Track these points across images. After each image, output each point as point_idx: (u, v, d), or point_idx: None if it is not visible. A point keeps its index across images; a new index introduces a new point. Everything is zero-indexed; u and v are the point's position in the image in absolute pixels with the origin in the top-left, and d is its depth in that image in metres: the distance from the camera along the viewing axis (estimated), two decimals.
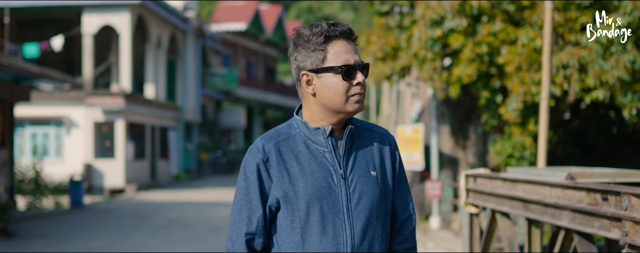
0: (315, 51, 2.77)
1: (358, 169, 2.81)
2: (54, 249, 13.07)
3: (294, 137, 2.85)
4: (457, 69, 13.79)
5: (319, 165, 2.78)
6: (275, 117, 55.79)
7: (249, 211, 2.80)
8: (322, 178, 2.77)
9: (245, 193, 2.82)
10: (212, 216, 18.57)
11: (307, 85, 2.81)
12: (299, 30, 2.84)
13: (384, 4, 15.25)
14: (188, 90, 36.78)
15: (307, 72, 2.79)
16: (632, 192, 3.77)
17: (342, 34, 2.77)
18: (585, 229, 4.32)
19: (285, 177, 2.77)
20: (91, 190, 26.52)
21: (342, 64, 2.75)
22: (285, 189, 2.76)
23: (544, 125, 7.57)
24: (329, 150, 2.80)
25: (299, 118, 2.89)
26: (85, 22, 28.66)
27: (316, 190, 2.75)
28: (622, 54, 12.03)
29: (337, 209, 2.75)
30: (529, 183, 5.18)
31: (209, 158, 39.43)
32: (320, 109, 2.81)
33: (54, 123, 28.40)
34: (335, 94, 2.76)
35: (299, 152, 2.81)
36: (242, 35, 47.57)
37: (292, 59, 2.85)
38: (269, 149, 2.81)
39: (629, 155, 16.76)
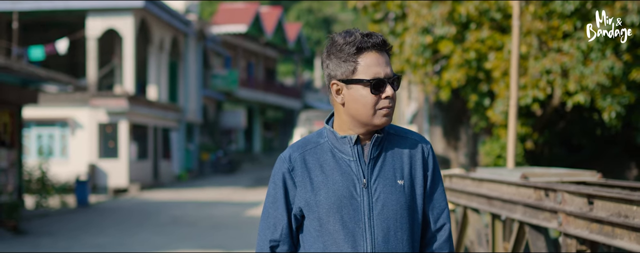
0: (346, 62, 2.76)
1: (383, 178, 2.81)
2: (64, 245, 13.78)
3: (321, 146, 2.87)
4: (447, 73, 14.49)
5: (343, 175, 2.80)
6: (276, 118, 56.36)
7: (275, 219, 2.87)
8: (344, 188, 2.78)
9: (273, 201, 2.88)
10: (214, 214, 19.26)
11: (337, 95, 2.81)
12: (333, 37, 2.83)
13: (378, 11, 15.97)
14: (189, 92, 37.44)
15: (337, 81, 2.80)
16: (565, 189, 4.50)
17: (374, 46, 2.76)
18: (532, 221, 5.06)
19: (309, 186, 2.81)
20: (95, 190, 27.16)
21: (371, 77, 2.74)
22: (307, 198, 2.81)
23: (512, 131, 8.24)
24: (354, 159, 2.81)
25: (328, 126, 2.90)
26: (90, 25, 29.31)
27: (337, 200, 2.77)
28: (601, 60, 12.74)
29: (358, 219, 2.77)
30: (491, 182, 5.92)
31: (210, 158, 39.98)
32: (349, 119, 2.81)
33: (59, 124, 29.05)
34: (364, 107, 2.76)
35: (324, 161, 2.83)
36: (243, 37, 48.25)
37: (324, 66, 2.85)
38: (295, 158, 2.85)
39: (614, 155, 17.45)
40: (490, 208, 5.91)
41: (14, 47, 25.82)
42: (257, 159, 50.19)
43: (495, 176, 5.95)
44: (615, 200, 4.06)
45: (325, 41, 2.88)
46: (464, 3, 13.98)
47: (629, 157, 17.21)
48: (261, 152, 53.17)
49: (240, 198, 24.87)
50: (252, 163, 48.01)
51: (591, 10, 12.86)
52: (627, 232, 3.93)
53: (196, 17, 38.18)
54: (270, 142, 56.70)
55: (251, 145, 52.77)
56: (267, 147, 55.45)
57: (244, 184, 32.16)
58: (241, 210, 20.41)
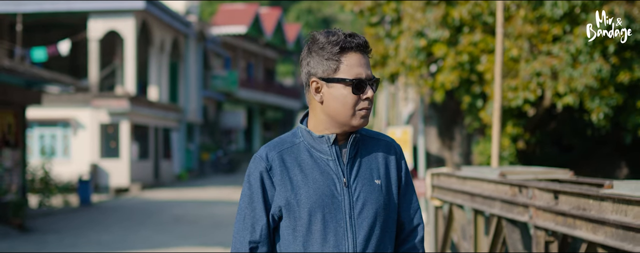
0: (328, 60, 2.75)
1: (362, 177, 2.80)
2: (69, 242, 14.21)
3: (297, 146, 2.84)
4: (441, 75, 14.91)
5: (322, 174, 2.78)
6: (275, 118, 56.78)
7: (253, 219, 2.82)
8: (325, 187, 2.76)
9: (249, 202, 2.83)
10: (215, 213, 19.68)
11: (316, 93, 2.80)
12: (314, 35, 2.82)
13: (374, 15, 16.38)
14: (190, 92, 37.86)
15: (318, 79, 2.78)
16: (535, 185, 4.94)
17: (358, 47, 2.76)
18: (508, 215, 5.49)
19: (288, 185, 2.77)
20: (97, 189, 27.53)
21: (353, 77, 2.73)
22: (287, 197, 2.76)
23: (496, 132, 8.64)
24: (332, 159, 2.79)
25: (303, 126, 2.87)
26: (91, 27, 29.71)
27: (318, 199, 2.75)
28: (590, 63, 13.16)
29: (340, 218, 2.75)
30: (473, 179, 6.35)
31: (210, 158, 40.36)
32: (326, 118, 2.80)
33: (61, 124, 29.46)
34: (343, 106, 2.75)
35: (302, 160, 2.81)
36: (242, 38, 48.68)
37: (304, 63, 2.83)
38: (273, 158, 2.81)
39: (605, 155, 17.87)
40: (472, 204, 6.35)
41: (17, 48, 26.21)
42: None
43: (477, 174, 6.38)
44: (576, 195, 4.49)
45: (305, 38, 2.86)
46: (457, 7, 14.38)
47: (619, 156, 17.62)
48: None
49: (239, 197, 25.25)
50: None
51: (580, 15, 13.28)
52: (584, 223, 4.37)
53: (196, 18, 38.59)
54: None
55: (251, 145, 53.20)
56: None
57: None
58: None
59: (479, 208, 6.19)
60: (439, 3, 14.64)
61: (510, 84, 13.99)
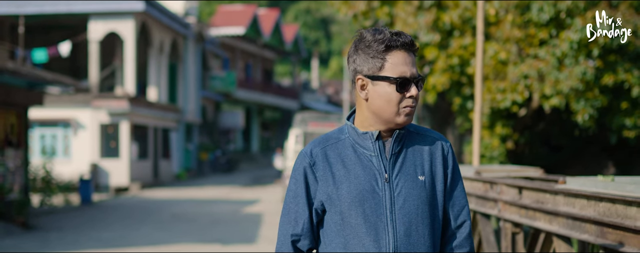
0: (374, 58, 2.77)
1: (405, 173, 2.81)
2: (71, 239, 14.67)
3: (343, 142, 2.87)
4: (433, 78, 15.38)
5: (364, 169, 2.80)
6: (273, 118, 57.19)
7: (296, 213, 2.87)
8: (366, 182, 2.79)
9: (294, 196, 2.88)
10: (213, 211, 20.13)
11: (361, 90, 2.83)
12: (362, 33, 2.84)
13: (368, 19, 16.86)
14: (189, 93, 38.29)
15: (363, 77, 2.81)
16: (503, 182, 5.42)
17: (403, 45, 2.78)
18: (481, 209, 5.97)
19: (330, 180, 2.82)
20: (97, 189, 27.91)
21: (398, 75, 2.76)
22: (329, 192, 2.81)
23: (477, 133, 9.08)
24: (375, 155, 2.81)
25: (349, 123, 2.91)
26: (92, 28, 30.13)
27: (359, 194, 2.77)
28: (575, 66, 13.65)
29: (380, 212, 2.76)
30: None
31: (208, 157, 40.74)
32: (371, 115, 2.82)
33: (61, 124, 29.86)
34: (388, 104, 2.78)
35: (346, 155, 2.84)
36: (241, 39, 49.14)
37: (351, 61, 2.85)
38: (317, 153, 2.86)
39: (593, 154, 18.35)
40: None
41: (18, 50, 26.64)
42: (255, 159, 51.08)
43: None
44: (536, 190, 4.97)
45: (353, 36, 2.90)
46: (448, 12, 14.87)
47: (606, 156, 18.11)
48: (259, 151, 54.05)
49: (238, 196, 25.75)
50: (250, 162, 48.89)
51: (565, 20, 13.77)
52: (542, 214, 4.84)
53: (195, 19, 39.01)
54: (268, 141, 57.57)
55: (249, 145, 53.65)
56: (265, 146, 56.33)
57: (241, 183, 33.07)
58: (239, 208, 21.29)
59: None
60: (430, 8, 15.12)
61: (498, 86, 14.47)
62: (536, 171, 6.57)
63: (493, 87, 14.50)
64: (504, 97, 14.35)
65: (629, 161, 18.04)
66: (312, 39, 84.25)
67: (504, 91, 14.40)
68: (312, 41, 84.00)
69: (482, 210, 5.99)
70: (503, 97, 14.39)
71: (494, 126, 15.41)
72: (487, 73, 14.62)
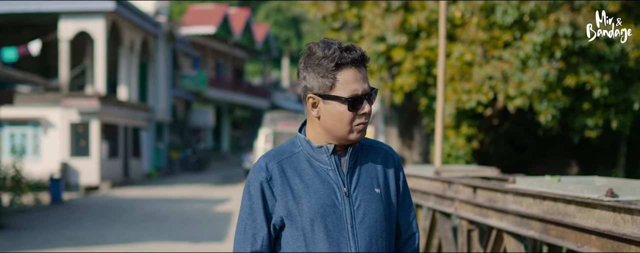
0: (324, 77, 2.71)
1: (362, 187, 2.79)
2: (44, 238, 14.81)
3: (297, 155, 2.82)
4: (400, 78, 15.70)
5: (323, 183, 2.76)
6: (243, 117, 57.33)
7: (254, 230, 2.79)
8: (326, 196, 2.74)
9: (250, 212, 2.79)
10: (185, 210, 20.32)
11: (313, 108, 2.77)
12: (311, 48, 2.75)
13: (336, 20, 17.14)
14: (159, 92, 38.37)
15: (314, 95, 2.75)
16: (459, 182, 5.74)
17: (354, 62, 2.70)
18: (440, 208, 6.28)
19: (289, 195, 2.75)
20: (67, 187, 27.90)
21: (349, 95, 2.70)
22: (289, 207, 2.74)
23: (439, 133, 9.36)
24: (332, 168, 2.78)
25: (302, 136, 2.85)
26: (62, 27, 30.15)
27: (320, 208, 2.73)
28: (538, 67, 14.01)
29: (342, 227, 2.73)
30: (414, 177, 7.13)
31: (179, 156, 40.83)
32: (323, 132, 2.79)
33: (31, 123, 29.84)
34: (340, 123, 2.73)
35: (302, 170, 2.79)
36: (211, 38, 49.26)
37: (301, 77, 2.79)
38: (272, 167, 2.78)
39: (557, 154, 18.77)
40: (413, 198, 7.12)
41: None
42: (225, 157, 51.23)
43: (417, 172, 7.18)
44: (488, 189, 5.28)
45: (302, 51, 2.81)
46: (415, 14, 15.18)
47: (570, 155, 18.53)
48: (229, 150, 54.20)
49: (208, 195, 25.94)
50: (220, 161, 49.04)
51: (528, 22, 14.13)
52: (494, 212, 5.15)
53: (166, 18, 39.10)
54: (238, 140, 57.72)
55: (219, 143, 53.78)
56: (235, 145, 56.49)
57: (212, 182, 33.24)
58: (209, 206, 21.50)
59: (418, 202, 6.98)
60: (397, 10, 15.43)
61: (464, 87, 14.80)
62: (493, 171, 6.89)
63: (459, 87, 14.83)
64: (469, 98, 14.68)
65: (592, 160, 18.48)
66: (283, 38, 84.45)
67: (469, 92, 14.73)
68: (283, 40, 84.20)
69: (441, 209, 6.30)
70: (468, 98, 14.72)
71: (459, 126, 15.74)
72: (452, 74, 14.95)
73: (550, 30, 13.59)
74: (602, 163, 18.35)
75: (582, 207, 4.01)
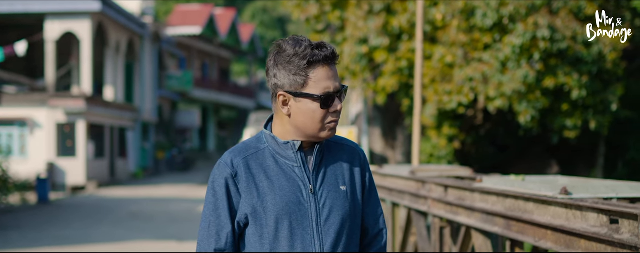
0: (296, 75, 2.68)
1: (328, 184, 2.77)
2: (32, 237, 15.01)
3: (263, 152, 2.78)
4: (382, 80, 15.97)
5: (288, 180, 2.73)
6: (229, 117, 57.52)
7: (218, 227, 2.75)
8: (291, 194, 2.71)
9: (214, 209, 2.76)
10: (170, 210, 20.54)
11: (283, 105, 2.74)
12: (281, 45, 2.72)
13: (320, 22, 17.40)
14: (145, 92, 38.53)
15: (285, 92, 2.72)
16: (432, 181, 6.02)
17: (325, 60, 2.68)
18: (415, 206, 6.56)
19: (254, 192, 2.72)
20: (54, 187, 28.02)
21: (322, 93, 2.68)
22: (253, 204, 2.71)
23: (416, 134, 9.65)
24: (298, 165, 2.75)
25: (268, 132, 2.82)
26: (48, 28, 30.27)
27: (285, 206, 2.70)
28: (517, 69, 14.31)
29: (306, 225, 2.71)
30: (391, 176, 7.41)
31: (165, 156, 40.99)
32: (293, 129, 2.76)
33: (18, 124, 29.91)
34: (312, 121, 2.71)
35: (267, 166, 2.75)
36: (197, 39, 49.42)
37: (271, 75, 2.75)
38: (238, 164, 2.75)
39: (537, 154, 19.09)
40: (390, 197, 7.41)
41: None
42: (211, 158, 51.39)
43: (394, 172, 7.45)
44: (458, 189, 5.56)
45: (271, 48, 2.77)
46: (397, 17, 15.46)
47: (550, 155, 18.86)
48: (215, 150, 54.37)
49: (194, 195, 26.14)
50: (206, 161, 49.19)
51: (508, 25, 14.43)
52: (463, 210, 5.44)
53: (151, 19, 39.25)
54: (224, 141, 57.90)
55: (205, 144, 53.95)
56: (221, 145, 56.66)
57: (198, 182, 33.44)
58: (195, 206, 21.71)
59: (395, 201, 7.25)
60: (380, 12, 15.71)
61: (445, 88, 15.08)
62: (466, 171, 7.17)
63: (440, 89, 15.11)
64: (450, 99, 14.96)
65: (572, 160, 18.79)
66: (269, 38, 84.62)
67: (450, 93, 15.01)
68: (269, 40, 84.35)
69: (416, 207, 6.58)
70: (449, 99, 15.00)
71: (441, 126, 16.03)
72: (434, 76, 15.23)
73: (529, 33, 13.88)
74: (582, 163, 18.67)
75: (539, 204, 4.31)
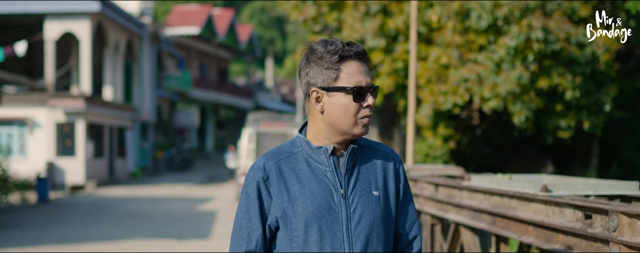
0: (328, 69, 2.72)
1: (359, 189, 2.77)
2: (33, 236, 15.20)
3: (295, 155, 2.80)
4: (378, 80, 16.17)
5: (320, 184, 2.74)
6: (228, 117, 57.72)
7: (249, 229, 2.78)
8: (322, 198, 2.73)
9: (246, 212, 2.79)
10: (169, 209, 20.74)
11: (316, 102, 2.77)
12: (312, 45, 2.78)
13: (317, 24, 17.61)
14: (144, 92, 38.71)
15: (318, 89, 2.75)
16: (424, 180, 6.22)
17: (356, 55, 2.75)
18: None
19: (285, 195, 2.74)
20: (53, 187, 28.17)
21: (354, 85, 2.72)
22: (284, 208, 2.73)
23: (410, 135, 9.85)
24: (330, 170, 2.76)
25: (301, 136, 2.85)
26: (48, 28, 30.44)
27: (315, 210, 2.71)
28: (511, 70, 14.52)
29: (336, 229, 2.71)
30: None
31: (164, 156, 41.19)
32: (326, 128, 2.78)
33: (17, 123, 30.07)
34: (345, 115, 2.73)
35: (300, 170, 2.77)
36: (196, 39, 49.65)
37: (304, 74, 2.79)
38: (270, 167, 2.78)
39: (532, 153, 19.31)
40: None
41: None
42: (210, 157, 51.60)
43: None
44: (448, 187, 5.77)
45: (302, 49, 2.85)
46: (393, 18, 15.67)
47: (545, 155, 19.07)
48: (214, 150, 54.58)
49: (192, 194, 26.35)
50: (205, 161, 49.40)
51: (502, 27, 14.64)
52: (452, 207, 5.65)
53: (150, 19, 39.43)
54: (223, 140, 58.09)
55: (204, 143, 54.15)
56: (220, 145, 56.86)
57: (196, 181, 33.64)
58: (193, 205, 21.92)
59: None
60: (376, 14, 15.91)
61: (441, 89, 15.29)
62: (458, 170, 7.38)
63: (435, 89, 15.32)
64: (446, 100, 15.18)
65: (567, 160, 19.01)
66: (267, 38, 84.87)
67: (445, 94, 15.22)
68: (267, 40, 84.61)
69: None
70: (445, 100, 15.21)
71: (437, 127, 16.24)
72: (429, 76, 15.44)
73: (523, 34, 14.10)
74: (576, 163, 18.88)
75: (522, 201, 4.53)
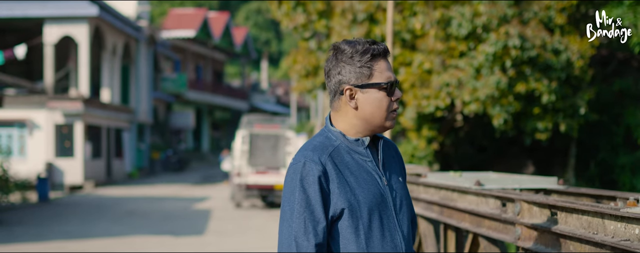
0: (361, 67, 2.82)
1: (394, 176, 2.92)
2: (35, 232, 15.96)
3: (338, 148, 2.86)
4: None
5: (368, 174, 2.84)
6: (223, 118, 58.35)
7: (314, 222, 2.78)
8: (374, 186, 2.82)
9: (306, 206, 2.78)
10: (165, 208, 21.50)
11: (350, 99, 2.85)
12: (339, 46, 2.88)
13: (307, 30, 18.38)
14: (141, 94, 39.39)
15: (352, 86, 2.84)
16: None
17: (385, 53, 2.87)
18: None
19: (347, 187, 2.79)
20: (52, 187, 28.77)
21: (386, 81, 2.84)
22: (349, 199, 2.78)
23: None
24: (370, 159, 2.86)
25: (336, 129, 2.91)
26: (47, 32, 31.10)
27: (373, 198, 2.80)
28: (490, 76, 15.31)
29: (389, 214, 2.82)
30: None
31: (160, 157, 41.83)
32: (360, 122, 2.87)
33: (17, 125, 30.68)
34: (379, 110, 2.84)
35: (347, 162, 2.84)
36: (192, 41, 50.35)
37: (335, 73, 2.87)
38: (325, 161, 2.81)
39: (514, 154, 20.09)
40: None
41: None
42: (205, 158, 52.31)
43: None
44: (409, 183, 6.55)
45: (329, 51, 2.95)
46: (379, 25, 16.45)
47: (526, 155, 19.86)
48: (209, 151, 55.27)
49: (188, 194, 27.09)
50: (200, 162, 50.10)
51: (481, 34, 15.43)
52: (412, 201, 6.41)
53: (147, 22, 40.10)
54: (218, 141, 58.78)
55: (200, 144, 54.86)
56: (215, 146, 57.56)
57: (192, 181, 34.38)
58: (189, 204, 22.67)
59: None
60: (363, 21, 16.69)
61: (423, 93, 16.06)
62: (424, 169, 8.14)
63: (419, 93, 16.10)
64: (428, 103, 15.95)
65: (547, 160, 19.78)
66: (262, 40, 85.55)
67: (428, 97, 16.00)
68: (262, 41, 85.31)
69: None
70: (428, 103, 15.98)
71: (420, 129, 17.01)
72: (413, 81, 16.21)
73: (501, 41, 14.90)
74: (556, 164, 19.65)
75: (461, 193, 5.34)
